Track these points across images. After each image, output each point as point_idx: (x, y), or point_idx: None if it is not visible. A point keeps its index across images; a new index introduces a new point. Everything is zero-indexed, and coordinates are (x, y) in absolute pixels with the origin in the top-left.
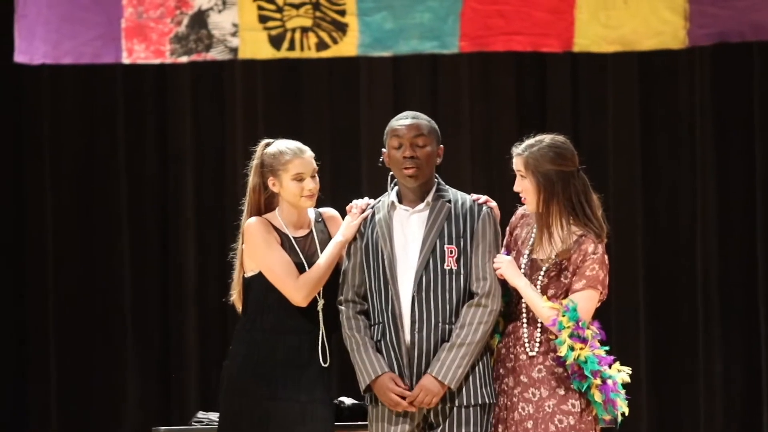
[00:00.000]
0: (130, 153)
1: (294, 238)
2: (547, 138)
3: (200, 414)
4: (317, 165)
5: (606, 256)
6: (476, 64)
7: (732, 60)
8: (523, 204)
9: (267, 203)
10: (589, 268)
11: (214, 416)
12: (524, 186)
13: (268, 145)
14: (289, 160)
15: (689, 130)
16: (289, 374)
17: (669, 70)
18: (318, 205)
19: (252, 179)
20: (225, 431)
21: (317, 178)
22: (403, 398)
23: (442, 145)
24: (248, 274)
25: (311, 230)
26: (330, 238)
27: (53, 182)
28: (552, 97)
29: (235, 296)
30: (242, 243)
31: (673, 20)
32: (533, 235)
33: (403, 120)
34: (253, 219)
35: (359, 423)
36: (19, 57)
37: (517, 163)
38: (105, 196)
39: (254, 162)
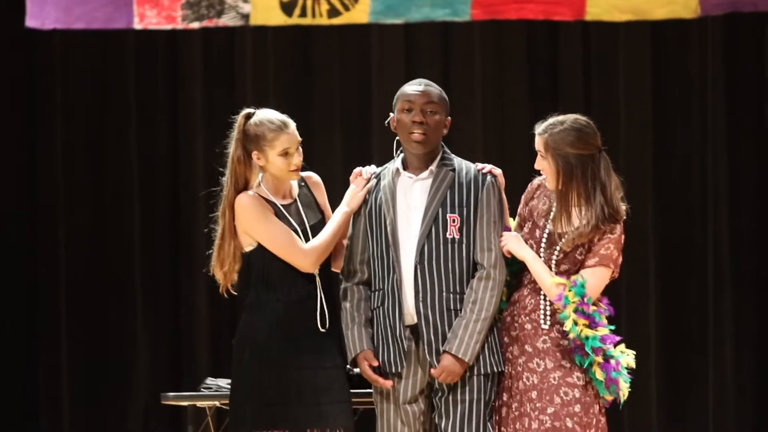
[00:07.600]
0: (140, 118)
1: (282, 206)
2: (569, 119)
3: (209, 380)
4: (300, 139)
5: (623, 237)
6: (488, 33)
7: (744, 29)
8: (540, 175)
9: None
10: (604, 246)
11: (224, 383)
12: (544, 166)
13: (249, 116)
14: (275, 137)
15: (701, 99)
16: (312, 342)
17: (681, 40)
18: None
19: (234, 151)
20: (250, 402)
21: (301, 150)
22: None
23: (450, 118)
24: (247, 249)
25: (296, 197)
26: (315, 201)
27: (65, 148)
28: (564, 66)
29: (217, 267)
30: (228, 217)
31: None
32: (555, 208)
33: (415, 86)
34: (243, 195)
35: (367, 390)
36: (31, 22)
37: (538, 143)
38: (116, 163)
39: (235, 134)
